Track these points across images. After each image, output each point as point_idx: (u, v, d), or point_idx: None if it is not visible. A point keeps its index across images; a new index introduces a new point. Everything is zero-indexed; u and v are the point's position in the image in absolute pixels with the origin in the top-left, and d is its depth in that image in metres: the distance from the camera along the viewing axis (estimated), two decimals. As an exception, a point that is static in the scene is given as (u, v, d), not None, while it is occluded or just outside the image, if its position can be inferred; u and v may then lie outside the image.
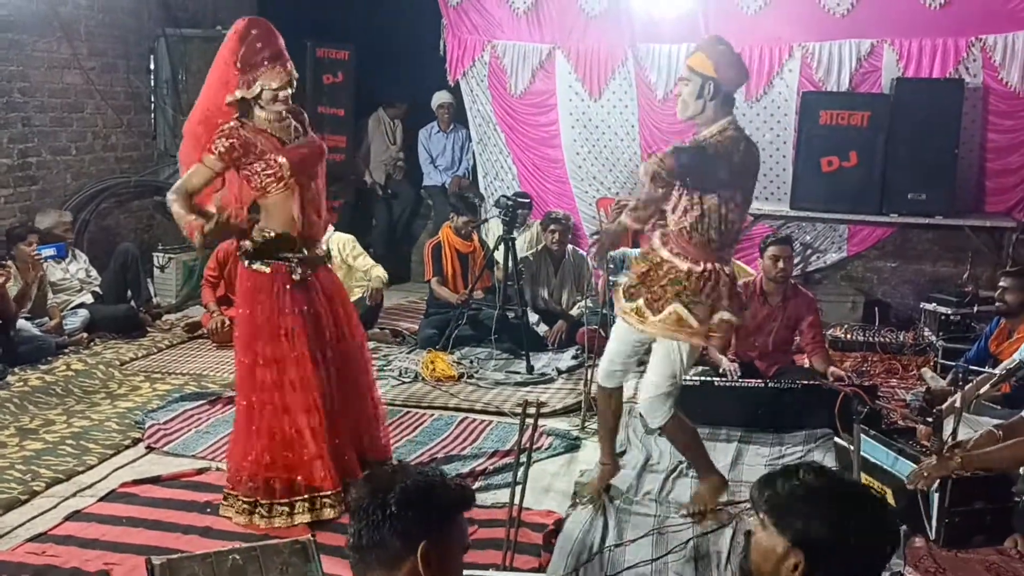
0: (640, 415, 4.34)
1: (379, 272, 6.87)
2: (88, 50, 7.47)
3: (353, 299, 6.58)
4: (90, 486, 4.14)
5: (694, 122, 3.78)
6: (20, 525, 3.74)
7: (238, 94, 3.70)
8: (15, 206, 6.88)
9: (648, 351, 3.99)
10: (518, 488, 3.51)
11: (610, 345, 4.09)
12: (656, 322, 3.78)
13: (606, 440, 4.24)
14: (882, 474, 3.90)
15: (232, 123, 3.71)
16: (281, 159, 3.71)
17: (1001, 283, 5.27)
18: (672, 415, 3.93)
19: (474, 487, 4.21)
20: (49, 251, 6.22)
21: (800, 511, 1.88)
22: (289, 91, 3.74)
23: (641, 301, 3.81)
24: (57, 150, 7.27)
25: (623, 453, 4.63)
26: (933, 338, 6.37)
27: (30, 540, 3.61)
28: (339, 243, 6.86)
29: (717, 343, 3.90)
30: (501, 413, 5.30)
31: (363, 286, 6.83)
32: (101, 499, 3.99)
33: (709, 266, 3.74)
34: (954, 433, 3.74)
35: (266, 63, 3.67)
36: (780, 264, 5.46)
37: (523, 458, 3.62)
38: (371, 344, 6.48)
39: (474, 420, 5.18)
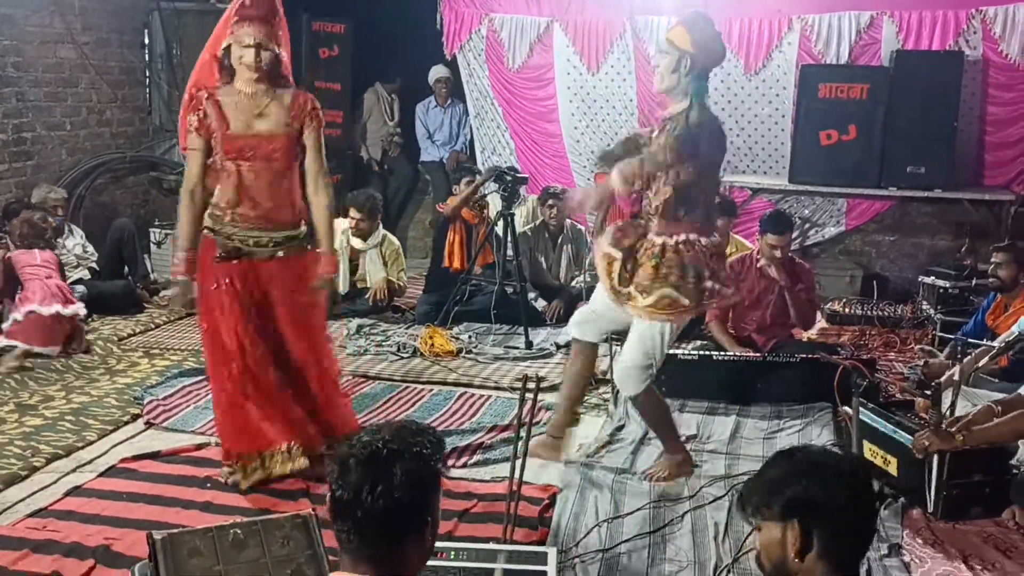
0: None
1: (389, 275, 6.88)
2: (82, 24, 7.41)
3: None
4: (90, 461, 4.14)
5: (667, 96, 3.79)
6: (20, 500, 3.75)
7: (224, 44, 3.71)
8: (10, 181, 6.85)
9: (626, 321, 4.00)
10: (518, 462, 3.52)
11: (591, 302, 4.16)
12: (647, 305, 3.79)
13: (561, 408, 4.27)
14: (889, 443, 3.90)
15: (201, 93, 3.72)
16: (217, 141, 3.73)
17: (993, 259, 5.29)
18: (646, 388, 3.96)
19: (472, 461, 4.25)
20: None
21: (779, 490, 1.98)
22: (249, 57, 3.65)
23: (632, 287, 3.82)
24: (52, 125, 7.23)
25: (621, 427, 4.64)
26: (931, 311, 6.38)
27: (31, 515, 3.61)
28: (389, 244, 6.93)
29: (706, 311, 3.93)
30: (500, 388, 5.30)
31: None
32: (101, 474, 4.00)
33: (682, 237, 3.75)
34: (952, 406, 3.75)
35: (244, 21, 3.65)
36: (777, 252, 5.46)
37: (522, 432, 3.63)
38: (369, 320, 6.52)
39: (473, 395, 5.19)
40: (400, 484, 1.79)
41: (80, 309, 5.73)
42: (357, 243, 6.76)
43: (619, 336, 4.27)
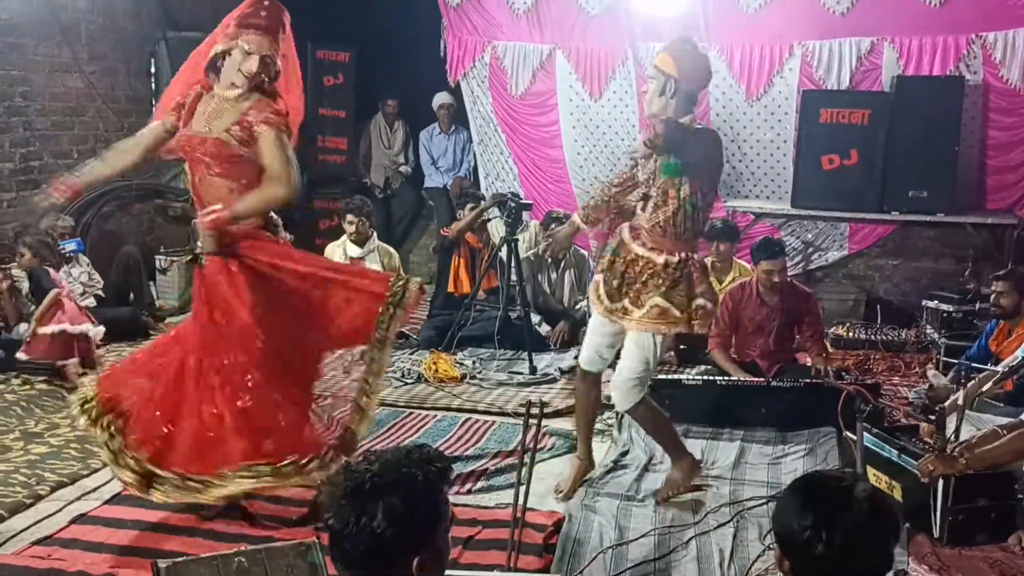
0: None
1: None
2: (89, 54, 7.48)
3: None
4: (95, 489, 4.14)
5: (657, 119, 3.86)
6: (25, 529, 3.75)
7: (218, 47, 3.71)
8: (18, 210, 6.89)
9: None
10: (522, 489, 3.52)
11: (591, 337, 4.16)
12: (641, 317, 3.85)
13: (584, 433, 4.30)
14: (891, 468, 3.89)
15: (197, 87, 3.78)
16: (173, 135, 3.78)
17: (994, 287, 5.29)
18: (642, 400, 4.00)
19: (477, 487, 4.24)
20: (70, 245, 6.35)
21: (776, 517, 2.01)
22: (253, 65, 3.65)
23: (626, 300, 3.89)
24: (59, 154, 7.28)
25: (626, 452, 4.64)
26: (935, 336, 6.38)
27: (36, 543, 3.62)
28: (385, 251, 6.94)
29: (699, 329, 3.95)
30: (504, 413, 5.30)
31: None
32: (106, 502, 4.00)
33: (683, 255, 3.83)
34: (957, 431, 3.75)
35: (252, 28, 3.67)
36: (774, 278, 5.49)
37: (526, 458, 3.63)
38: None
39: (477, 421, 5.19)
40: (382, 520, 1.74)
41: (101, 330, 5.89)
42: (354, 251, 6.77)
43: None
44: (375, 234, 6.94)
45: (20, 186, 6.92)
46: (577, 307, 6.91)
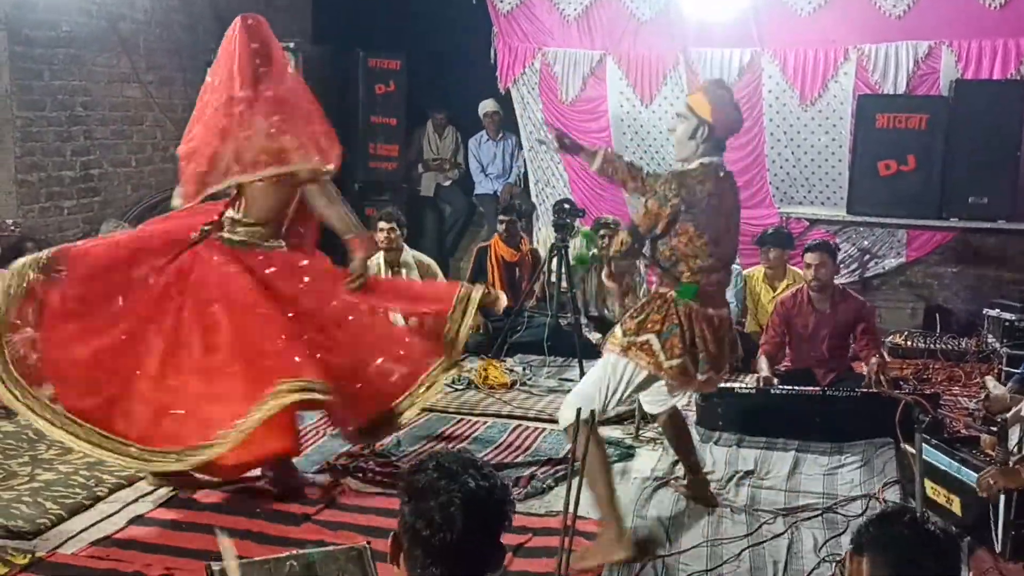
0: None
1: None
2: (147, 64, 7.63)
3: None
4: (152, 492, 4.20)
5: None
6: (84, 529, 3.82)
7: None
8: (78, 217, 7.05)
9: None
10: (572, 496, 3.50)
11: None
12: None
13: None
14: (951, 482, 3.80)
15: None
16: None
17: None
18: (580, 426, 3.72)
19: (526, 494, 4.23)
20: None
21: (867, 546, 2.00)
22: None
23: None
24: (118, 162, 7.43)
25: (677, 463, 4.58)
26: (997, 345, 6.22)
27: (94, 544, 3.68)
28: (420, 261, 6.84)
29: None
30: (554, 421, 5.27)
31: None
32: (162, 504, 4.06)
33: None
34: (1020, 442, 3.65)
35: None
36: (811, 272, 5.40)
37: (577, 466, 3.61)
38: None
39: (527, 428, 5.18)
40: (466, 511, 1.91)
41: None
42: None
43: None
44: (407, 249, 6.77)
45: (80, 193, 7.07)
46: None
